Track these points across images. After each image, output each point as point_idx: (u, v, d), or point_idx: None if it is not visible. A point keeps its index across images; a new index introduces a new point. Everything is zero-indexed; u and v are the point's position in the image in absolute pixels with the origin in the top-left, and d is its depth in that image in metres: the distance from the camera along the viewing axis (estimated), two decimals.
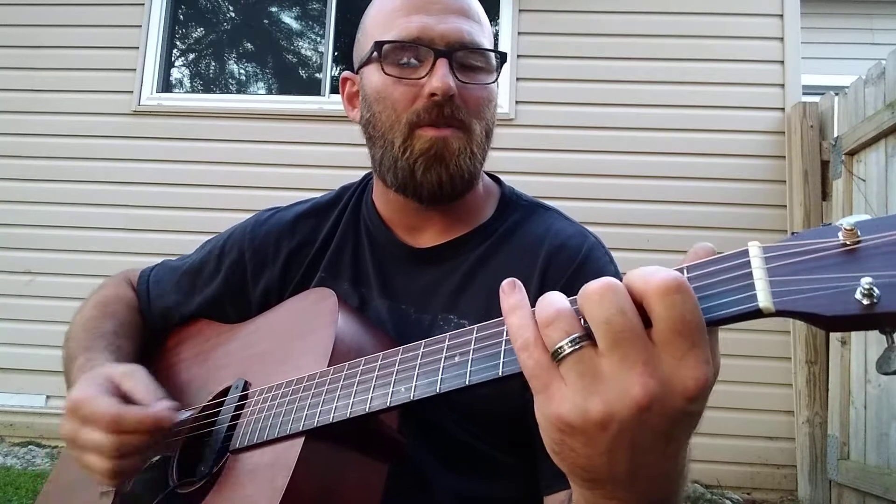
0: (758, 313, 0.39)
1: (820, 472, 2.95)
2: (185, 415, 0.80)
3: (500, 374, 0.48)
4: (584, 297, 0.40)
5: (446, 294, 0.83)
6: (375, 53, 0.79)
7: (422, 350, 0.57)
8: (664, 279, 0.39)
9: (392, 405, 0.56)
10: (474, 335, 0.52)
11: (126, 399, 0.75)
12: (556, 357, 0.41)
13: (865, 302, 0.36)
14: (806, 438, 3.03)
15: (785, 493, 3.13)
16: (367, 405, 0.58)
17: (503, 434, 0.77)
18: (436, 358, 0.54)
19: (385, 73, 0.78)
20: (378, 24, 0.81)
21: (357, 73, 0.87)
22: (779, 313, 0.38)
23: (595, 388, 0.39)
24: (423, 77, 0.77)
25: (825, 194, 3.15)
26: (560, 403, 0.41)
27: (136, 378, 0.78)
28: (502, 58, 0.82)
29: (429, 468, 0.75)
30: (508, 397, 0.73)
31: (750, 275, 0.40)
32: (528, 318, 0.43)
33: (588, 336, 0.40)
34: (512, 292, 0.45)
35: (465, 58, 0.79)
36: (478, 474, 0.77)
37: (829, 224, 0.39)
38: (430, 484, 0.75)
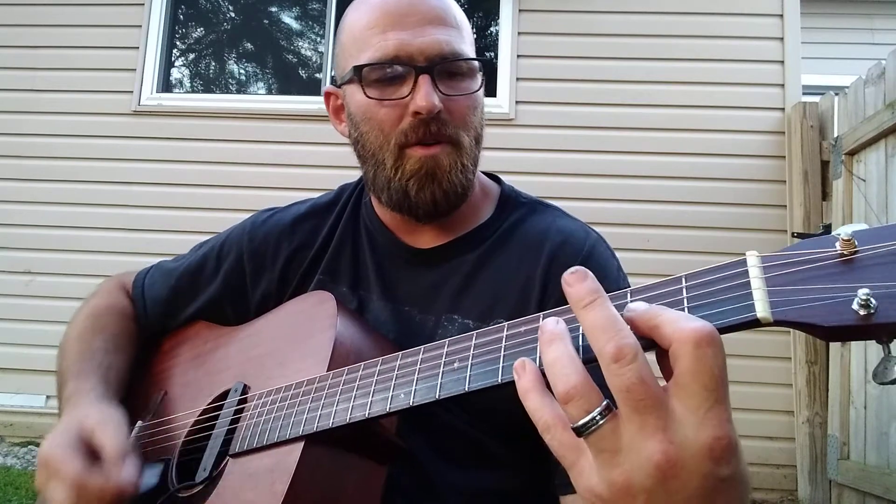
0: (755, 323, 0.39)
1: (820, 472, 2.95)
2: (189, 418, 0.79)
3: (500, 380, 0.48)
4: (603, 362, 0.39)
5: (449, 294, 0.82)
6: (355, 76, 0.78)
7: (421, 356, 0.57)
8: (697, 330, 0.37)
9: (391, 411, 0.56)
10: (473, 341, 0.52)
11: (95, 454, 0.71)
12: (580, 434, 0.40)
13: (862, 312, 0.36)
14: (806, 438, 3.03)
15: (785, 493, 3.13)
16: (367, 410, 0.58)
17: (503, 425, 0.76)
18: (435, 363, 0.54)
19: (367, 96, 0.77)
20: (355, 43, 0.80)
21: (339, 87, 0.86)
22: (777, 323, 0.38)
23: (616, 459, 0.39)
24: (407, 96, 0.76)
25: (825, 194, 3.14)
26: (589, 477, 0.41)
27: (108, 430, 0.73)
28: (484, 64, 0.81)
29: (428, 461, 0.75)
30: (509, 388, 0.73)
31: (748, 284, 0.40)
32: (541, 398, 0.43)
33: (607, 408, 0.40)
34: (523, 371, 0.44)
35: (447, 68, 0.77)
36: (478, 466, 0.77)
37: (827, 233, 0.39)
38: (429, 477, 0.75)
